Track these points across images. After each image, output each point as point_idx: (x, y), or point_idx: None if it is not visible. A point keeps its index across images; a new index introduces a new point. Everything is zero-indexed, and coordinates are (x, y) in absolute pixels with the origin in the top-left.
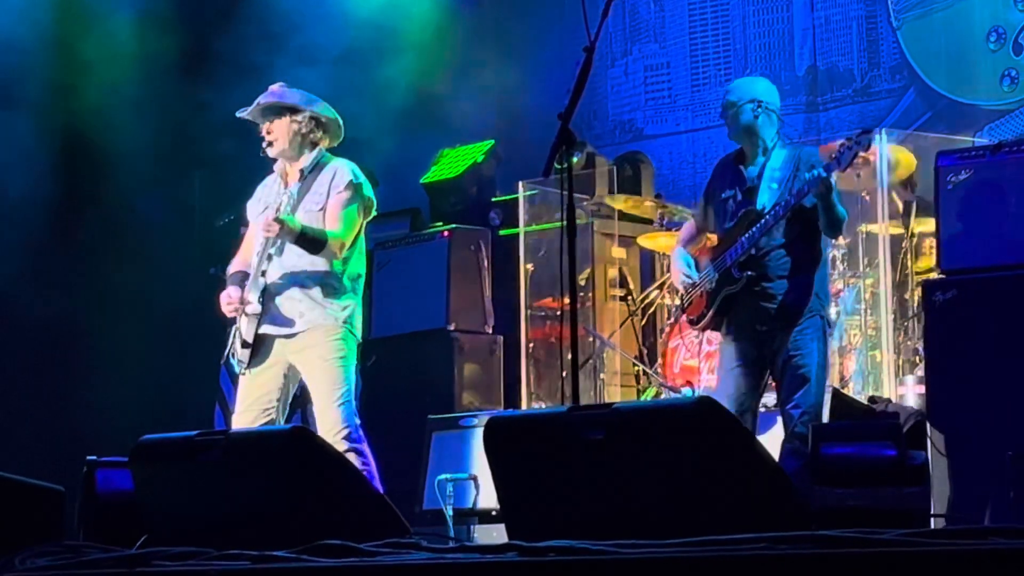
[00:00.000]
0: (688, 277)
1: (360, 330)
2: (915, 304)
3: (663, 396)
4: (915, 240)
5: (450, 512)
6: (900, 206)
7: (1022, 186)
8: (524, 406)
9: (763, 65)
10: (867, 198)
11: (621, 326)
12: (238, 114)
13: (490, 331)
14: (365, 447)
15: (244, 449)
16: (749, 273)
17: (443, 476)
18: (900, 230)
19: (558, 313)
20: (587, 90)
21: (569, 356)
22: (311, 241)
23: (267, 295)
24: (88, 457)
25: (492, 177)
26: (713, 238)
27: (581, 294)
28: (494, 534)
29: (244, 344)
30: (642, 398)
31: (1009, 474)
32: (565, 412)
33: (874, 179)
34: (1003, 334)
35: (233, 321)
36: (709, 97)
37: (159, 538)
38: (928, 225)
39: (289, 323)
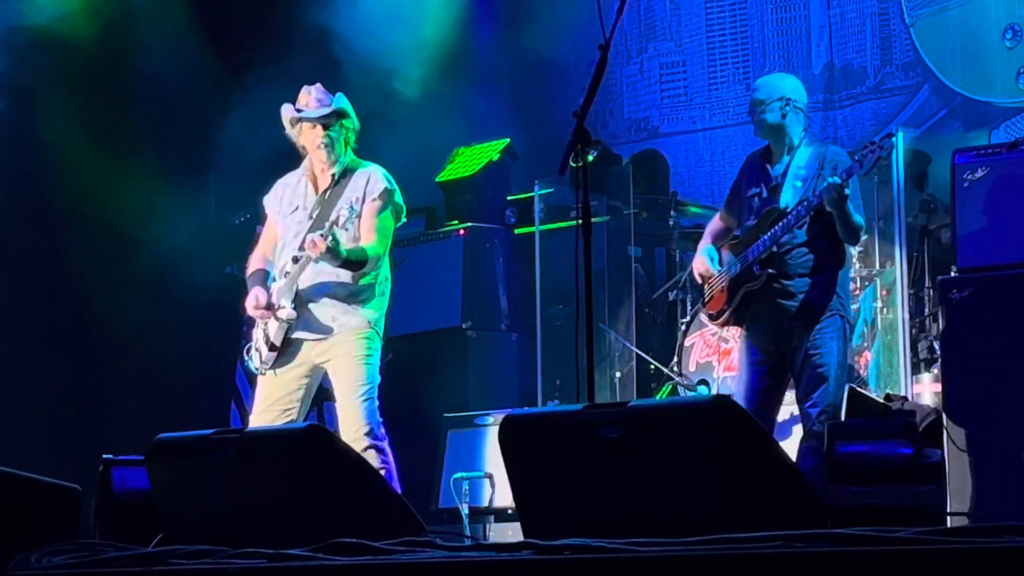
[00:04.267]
0: (709, 270)
1: (383, 330)
2: (931, 302)
3: (679, 394)
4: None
5: (465, 510)
6: None
7: None
8: (539, 404)
9: (780, 63)
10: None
11: (637, 324)
12: (298, 115)
13: (505, 329)
14: (386, 444)
15: (260, 447)
16: (770, 271)
17: (458, 474)
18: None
19: (573, 311)
20: (603, 88)
21: (584, 354)
22: (353, 263)
23: (299, 300)
24: (104, 456)
25: (507, 175)
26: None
27: (596, 292)
28: (509, 532)
29: (272, 347)
30: (658, 396)
31: None
32: (580, 410)
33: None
34: (1020, 332)
35: (252, 319)
36: (726, 95)
37: (175, 536)
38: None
39: (324, 329)
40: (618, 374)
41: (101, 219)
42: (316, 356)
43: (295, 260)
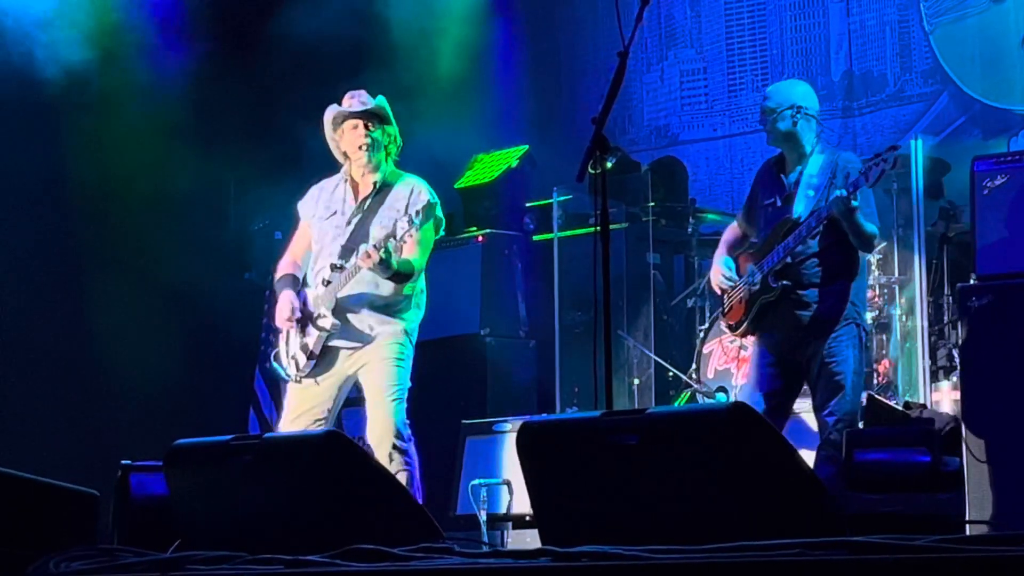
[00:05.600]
0: (728, 280)
1: (415, 340)
2: (950, 309)
3: (697, 401)
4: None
5: (483, 517)
6: None
7: None
8: (558, 411)
9: (800, 70)
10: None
11: (655, 331)
12: (336, 108)
13: (524, 336)
14: (412, 447)
15: (278, 453)
16: (785, 283)
17: (476, 481)
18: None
19: (591, 318)
20: (623, 95)
21: (603, 361)
22: (402, 276)
23: (337, 309)
24: (122, 461)
25: (526, 182)
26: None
27: (615, 299)
28: (527, 539)
29: (311, 355)
30: (676, 403)
31: None
32: (598, 417)
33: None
34: None
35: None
36: (746, 102)
37: (193, 542)
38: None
39: (361, 338)
40: (636, 381)
41: (118, 224)
42: (350, 366)
43: (334, 268)
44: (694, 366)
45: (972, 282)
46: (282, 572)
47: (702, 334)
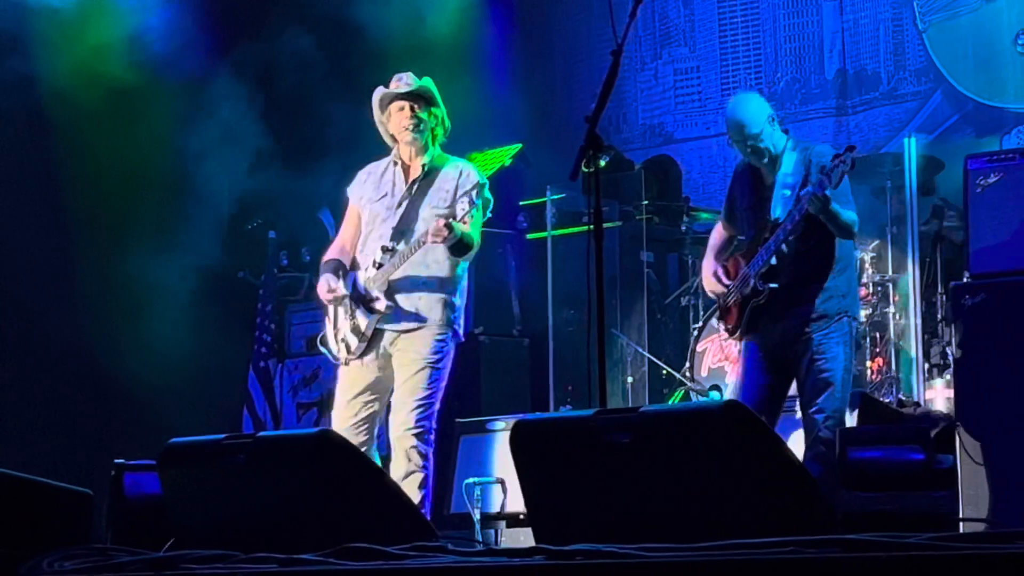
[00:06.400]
0: (721, 285)
1: (462, 328)
2: (944, 307)
3: (691, 399)
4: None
5: (477, 516)
6: None
7: None
8: (551, 409)
9: (793, 68)
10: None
11: (649, 329)
12: (383, 90)
13: (517, 334)
14: (430, 452)
15: (271, 452)
16: (772, 285)
17: (470, 479)
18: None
19: (585, 316)
20: (617, 94)
21: (596, 359)
22: (465, 247)
23: (389, 291)
24: (116, 460)
25: (520, 181)
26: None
27: (608, 297)
28: (521, 538)
29: (363, 337)
30: (670, 401)
31: None
32: (592, 415)
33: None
34: None
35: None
36: None
37: (187, 541)
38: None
39: (408, 318)
40: (630, 379)
41: (112, 224)
42: (395, 349)
43: (385, 250)
44: (688, 364)
45: (965, 280)
46: (276, 571)
47: (696, 332)
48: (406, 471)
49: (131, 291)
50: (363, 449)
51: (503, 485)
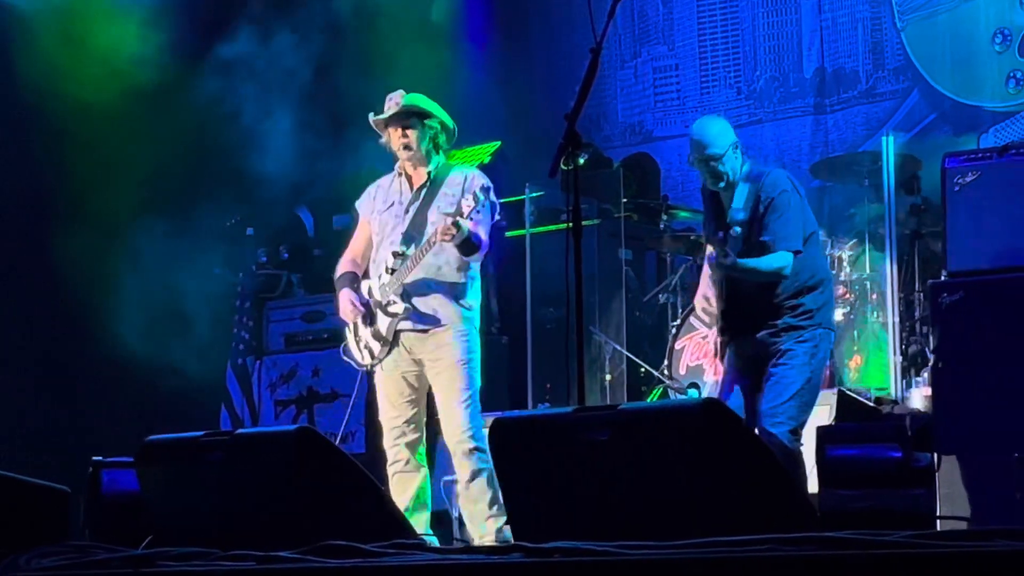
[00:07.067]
0: (709, 311)
1: (479, 322)
2: (921, 306)
3: (669, 397)
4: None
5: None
6: None
7: None
8: (530, 407)
9: (772, 67)
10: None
11: (627, 327)
12: (374, 117)
13: (496, 332)
14: (486, 445)
15: (249, 450)
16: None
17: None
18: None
19: (563, 314)
20: (596, 92)
21: (575, 357)
22: (473, 246)
23: (404, 295)
24: (94, 457)
25: (498, 178)
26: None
27: (587, 295)
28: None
29: (384, 342)
30: (648, 399)
31: (1015, 476)
32: (571, 413)
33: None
34: (1010, 336)
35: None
36: (718, 99)
37: (164, 538)
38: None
39: (426, 320)
40: (608, 377)
41: (91, 221)
42: (423, 352)
43: (396, 255)
44: (666, 362)
45: (943, 278)
46: (253, 568)
47: (674, 330)
48: (471, 473)
49: (107, 287)
50: (415, 446)
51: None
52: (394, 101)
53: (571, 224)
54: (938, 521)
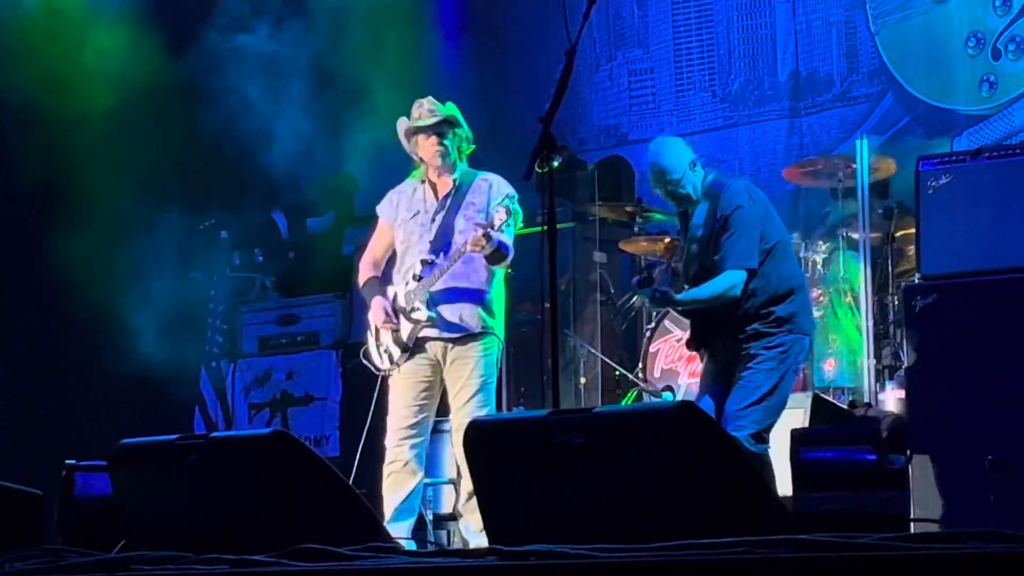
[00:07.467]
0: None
1: (503, 333)
2: (895, 309)
3: (644, 400)
4: (896, 244)
5: (430, 516)
6: None
7: (1003, 191)
8: (504, 410)
9: (747, 70)
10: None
11: (601, 330)
12: (408, 123)
13: None
14: None
15: (224, 453)
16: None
17: (427, 480)
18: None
19: (538, 317)
20: (572, 95)
21: (550, 360)
22: (501, 256)
23: (430, 303)
24: (67, 461)
25: None
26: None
27: (561, 298)
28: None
29: (405, 348)
30: (623, 402)
31: (988, 479)
32: (545, 416)
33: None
34: (983, 339)
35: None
36: (693, 102)
37: (138, 542)
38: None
39: (452, 328)
40: (583, 380)
41: (66, 225)
42: (444, 359)
43: (424, 263)
44: (640, 365)
45: (917, 281)
46: (227, 572)
47: (648, 333)
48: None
49: (81, 290)
50: (419, 449)
51: (455, 485)
52: (427, 108)
53: (546, 227)
54: (912, 523)
